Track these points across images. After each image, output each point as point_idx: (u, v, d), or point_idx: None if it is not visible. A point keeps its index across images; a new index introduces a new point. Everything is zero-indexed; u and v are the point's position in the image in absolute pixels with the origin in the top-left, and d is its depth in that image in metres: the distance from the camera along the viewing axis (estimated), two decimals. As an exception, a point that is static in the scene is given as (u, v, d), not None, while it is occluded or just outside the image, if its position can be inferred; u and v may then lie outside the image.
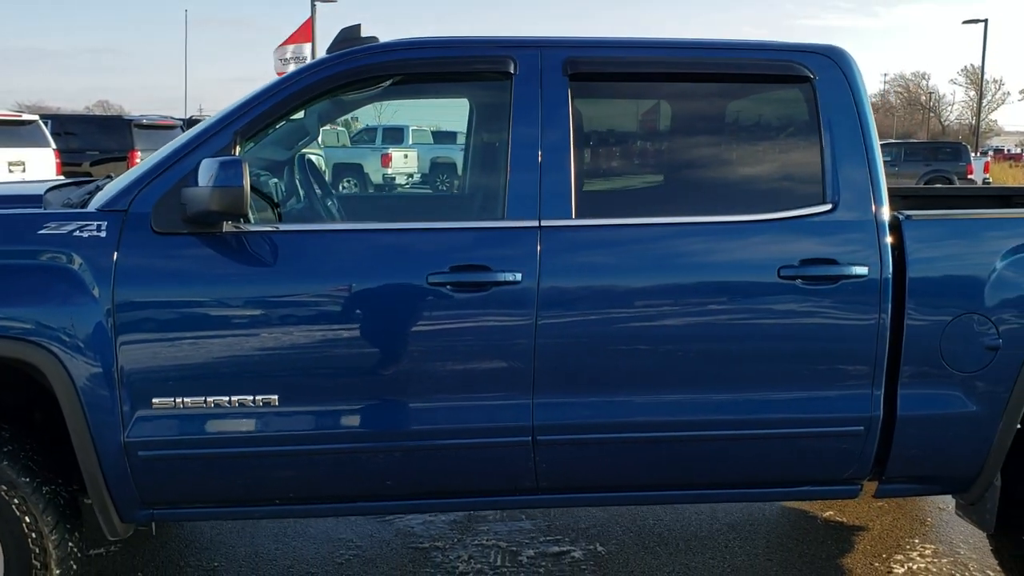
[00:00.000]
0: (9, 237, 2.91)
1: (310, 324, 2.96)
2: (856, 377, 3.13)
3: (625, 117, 3.71)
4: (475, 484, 3.16)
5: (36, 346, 2.84)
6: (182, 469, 2.97)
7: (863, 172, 3.17)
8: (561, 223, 3.05)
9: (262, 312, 2.95)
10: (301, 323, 2.96)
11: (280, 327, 2.95)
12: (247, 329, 2.94)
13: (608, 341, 3.06)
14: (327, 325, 2.97)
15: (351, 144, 26.69)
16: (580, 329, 3.04)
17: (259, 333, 2.94)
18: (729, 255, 3.12)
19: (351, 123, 29.58)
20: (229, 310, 2.94)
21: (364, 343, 2.99)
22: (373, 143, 26.56)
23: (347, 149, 26.16)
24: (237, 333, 2.94)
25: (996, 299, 3.14)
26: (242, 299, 2.95)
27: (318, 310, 2.97)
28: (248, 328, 2.94)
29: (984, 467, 3.28)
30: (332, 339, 2.97)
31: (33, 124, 16.35)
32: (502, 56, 3.17)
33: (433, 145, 26.50)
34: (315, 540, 4.13)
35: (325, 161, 22.53)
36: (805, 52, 3.27)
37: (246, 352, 2.93)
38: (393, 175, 23.90)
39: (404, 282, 2.99)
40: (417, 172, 24.81)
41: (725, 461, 3.21)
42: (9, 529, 2.90)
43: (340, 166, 23.92)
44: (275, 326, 2.95)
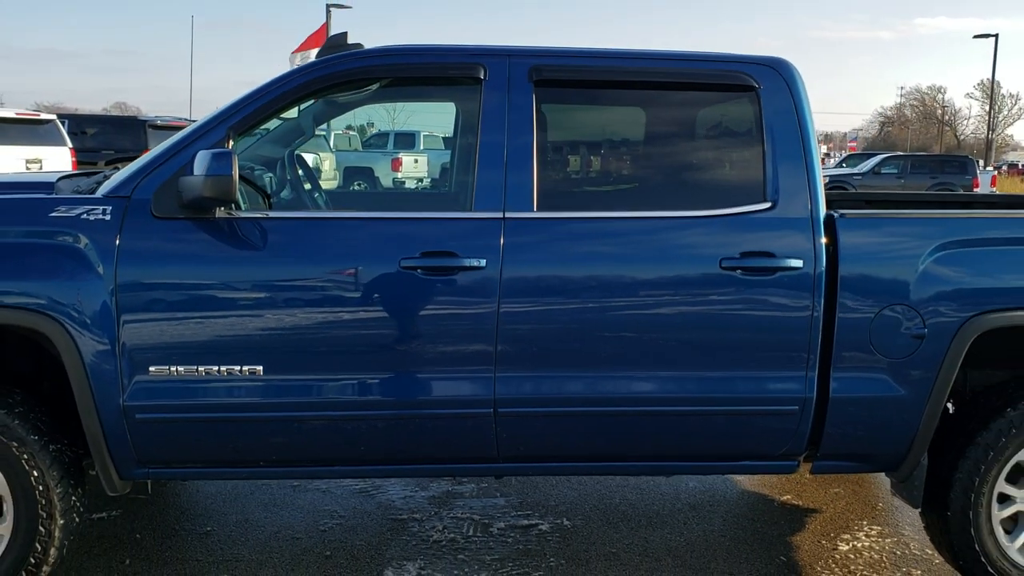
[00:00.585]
0: (24, 219, 3.23)
1: (293, 302, 3.27)
2: (791, 360, 3.42)
3: (585, 120, 4.02)
4: (442, 452, 3.46)
5: (46, 317, 3.16)
6: (175, 431, 3.28)
7: (801, 174, 3.46)
8: (523, 215, 3.36)
9: (250, 290, 3.26)
10: (285, 301, 3.27)
11: (266, 304, 3.26)
12: (236, 305, 3.26)
13: (564, 323, 3.36)
14: (309, 303, 3.28)
15: (363, 148, 27.08)
16: (539, 311, 3.34)
17: (247, 309, 3.25)
18: (676, 247, 3.42)
19: (366, 128, 30.05)
20: (220, 288, 3.26)
21: (342, 320, 3.30)
22: (385, 147, 26.91)
23: (359, 153, 26.56)
24: (227, 308, 3.25)
25: (922, 292, 3.43)
26: (232, 278, 3.26)
27: (301, 289, 3.28)
28: (237, 304, 3.26)
29: (912, 447, 3.56)
30: (312, 316, 3.28)
31: (50, 123, 16.76)
32: (472, 63, 3.48)
33: (443, 151, 26.81)
34: (302, 510, 4.44)
35: (337, 164, 22.95)
36: (751, 63, 3.57)
37: (235, 326, 3.25)
38: (403, 179, 24.25)
39: (379, 265, 3.30)
40: (427, 176, 25.14)
41: (671, 435, 3.50)
42: (19, 482, 3.22)
43: (351, 169, 24.30)
44: (261, 303, 3.26)
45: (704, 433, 3.49)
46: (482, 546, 4.10)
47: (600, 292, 3.37)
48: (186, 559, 3.91)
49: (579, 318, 3.37)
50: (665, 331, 3.40)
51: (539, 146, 3.43)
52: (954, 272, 3.44)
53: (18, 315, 3.15)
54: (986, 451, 3.54)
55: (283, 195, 3.95)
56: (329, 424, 3.35)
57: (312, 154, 21.30)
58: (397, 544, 4.10)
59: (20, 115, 16.60)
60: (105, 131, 19.19)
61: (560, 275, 3.36)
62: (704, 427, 3.48)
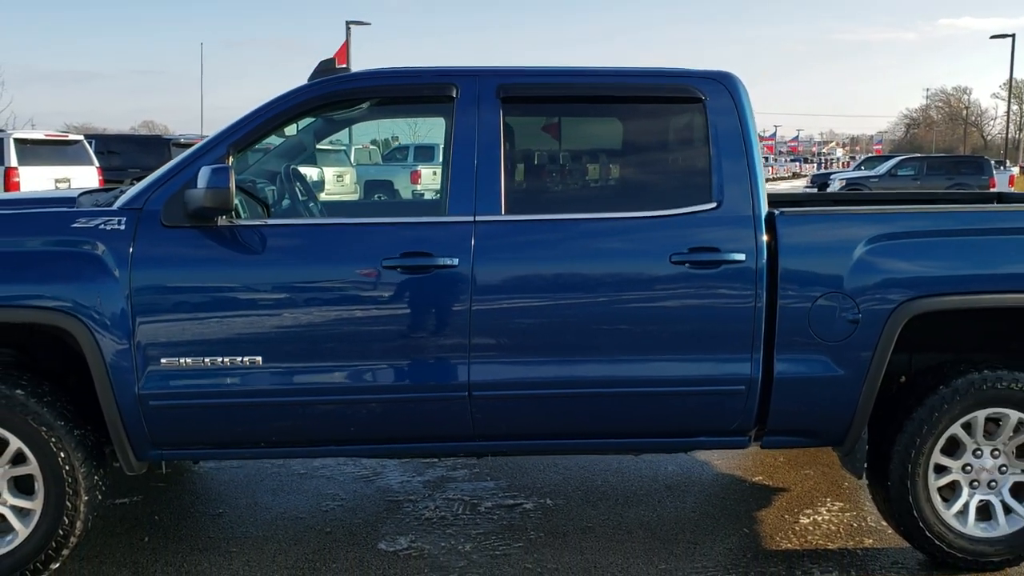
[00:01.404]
0: (50, 230, 3.66)
1: (287, 299, 3.67)
2: (737, 344, 3.78)
3: (550, 132, 4.40)
4: (424, 431, 3.85)
5: (71, 317, 3.58)
6: (184, 415, 3.69)
7: (744, 176, 3.83)
8: (492, 218, 3.75)
9: (249, 289, 3.67)
10: (280, 298, 3.67)
11: (264, 301, 3.67)
12: (237, 303, 3.66)
13: (531, 314, 3.75)
14: (301, 300, 3.68)
15: (383, 162, 27.58)
16: (507, 304, 3.73)
17: (246, 305, 3.66)
18: (630, 244, 3.79)
19: (391, 141, 30.62)
20: (223, 288, 3.66)
21: (332, 314, 3.70)
22: (405, 160, 27.38)
23: (379, 167, 27.04)
24: (229, 306, 3.66)
25: (855, 281, 3.78)
26: (233, 279, 3.67)
27: (294, 288, 3.68)
28: (238, 302, 3.66)
29: (852, 422, 3.91)
30: (305, 311, 3.68)
31: (78, 144, 17.38)
32: (445, 83, 3.88)
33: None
34: (306, 494, 4.84)
35: (357, 178, 23.43)
36: (699, 77, 3.94)
37: (236, 321, 3.65)
38: (422, 191, 24.68)
39: (363, 265, 3.69)
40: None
41: (631, 414, 3.86)
42: (48, 462, 3.64)
43: (372, 183, 24.81)
44: (260, 300, 3.67)
45: (661, 411, 3.86)
46: (469, 523, 4.48)
47: (562, 286, 3.75)
48: (199, 536, 4.31)
49: (544, 310, 3.74)
50: (622, 320, 3.77)
51: (506, 156, 3.82)
52: (884, 263, 3.79)
53: (46, 315, 3.57)
54: (921, 425, 3.88)
55: (282, 205, 4.35)
56: (321, 408, 3.75)
57: (334, 168, 21.87)
58: (392, 521, 4.49)
59: (49, 136, 17.23)
60: (131, 150, 19.82)
61: (526, 271, 3.74)
62: (661, 406, 3.84)
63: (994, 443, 3.98)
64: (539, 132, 4.31)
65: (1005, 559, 4.00)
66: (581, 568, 4.00)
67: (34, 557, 3.67)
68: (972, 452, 3.98)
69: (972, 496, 4.01)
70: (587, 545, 4.24)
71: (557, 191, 4.17)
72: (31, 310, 3.56)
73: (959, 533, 3.97)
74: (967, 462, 3.99)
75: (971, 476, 4.00)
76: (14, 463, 3.67)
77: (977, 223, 3.93)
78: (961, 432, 3.94)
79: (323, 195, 19.69)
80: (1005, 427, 3.95)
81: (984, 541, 3.98)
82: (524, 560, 4.07)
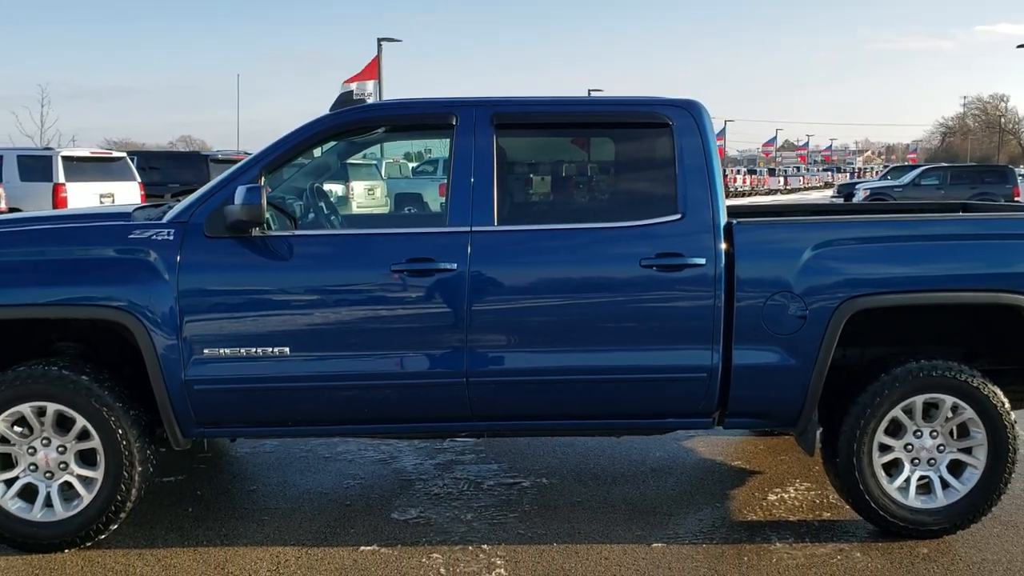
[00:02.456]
0: (111, 240, 4.30)
1: (311, 299, 4.29)
2: (700, 337, 4.35)
3: (535, 153, 4.99)
4: (429, 413, 4.45)
5: (128, 314, 4.22)
6: (223, 398, 4.31)
7: (705, 191, 4.40)
8: (486, 228, 4.34)
9: (279, 290, 4.29)
10: (305, 298, 4.29)
11: (292, 300, 4.29)
12: (269, 302, 4.29)
13: (520, 311, 4.33)
14: (323, 299, 4.30)
15: (412, 176, 28.29)
16: (499, 302, 4.32)
17: (276, 303, 4.28)
18: (606, 250, 4.37)
19: (424, 154, 31.36)
20: (257, 289, 4.29)
21: (349, 311, 4.31)
22: (434, 174, 28.07)
23: (409, 180, 27.75)
24: (262, 304, 4.28)
25: (803, 282, 4.33)
26: (265, 282, 4.30)
27: (316, 289, 4.30)
28: (270, 301, 4.29)
29: (803, 406, 4.45)
30: (327, 308, 4.29)
31: (121, 160, 18.24)
32: (447, 112, 4.49)
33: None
34: (330, 474, 5.46)
35: (388, 191, 24.12)
36: (667, 105, 4.52)
37: (267, 317, 4.27)
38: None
39: (376, 270, 4.30)
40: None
41: (608, 398, 4.43)
42: (108, 438, 4.28)
43: (402, 196, 25.50)
44: (288, 300, 4.28)
45: (634, 396, 4.43)
46: (472, 497, 5.07)
47: (548, 286, 4.34)
48: (236, 508, 4.94)
49: (532, 307, 4.34)
50: (599, 316, 4.34)
51: (498, 174, 4.42)
52: (827, 266, 4.34)
53: (109, 312, 4.22)
54: (864, 408, 4.42)
55: (308, 218, 4.98)
56: (340, 392, 4.35)
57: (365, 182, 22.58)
58: (404, 496, 5.10)
59: (94, 153, 18.12)
60: (170, 166, 20.70)
61: (516, 274, 4.33)
62: (634, 391, 4.41)
63: (932, 425, 4.51)
64: (527, 152, 4.90)
65: (943, 528, 4.53)
66: (566, 534, 4.58)
67: (96, 519, 4.32)
68: (913, 433, 4.51)
69: (913, 472, 4.54)
70: (574, 516, 4.81)
71: (543, 204, 4.77)
72: (97, 308, 4.21)
73: (901, 504, 4.50)
74: (908, 442, 4.52)
75: (912, 454, 4.53)
76: (80, 439, 4.31)
77: (907, 230, 4.48)
78: (902, 415, 4.48)
79: (354, 207, 20.45)
80: (941, 411, 4.48)
81: (924, 512, 4.51)
82: (517, 527, 4.65)
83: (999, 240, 4.50)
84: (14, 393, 4.24)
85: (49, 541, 4.32)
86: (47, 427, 4.30)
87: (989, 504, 4.51)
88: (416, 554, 4.33)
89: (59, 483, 4.34)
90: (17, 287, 4.23)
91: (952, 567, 4.23)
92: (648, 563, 4.24)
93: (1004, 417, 4.45)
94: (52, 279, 4.24)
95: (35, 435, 4.31)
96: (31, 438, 4.31)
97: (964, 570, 4.20)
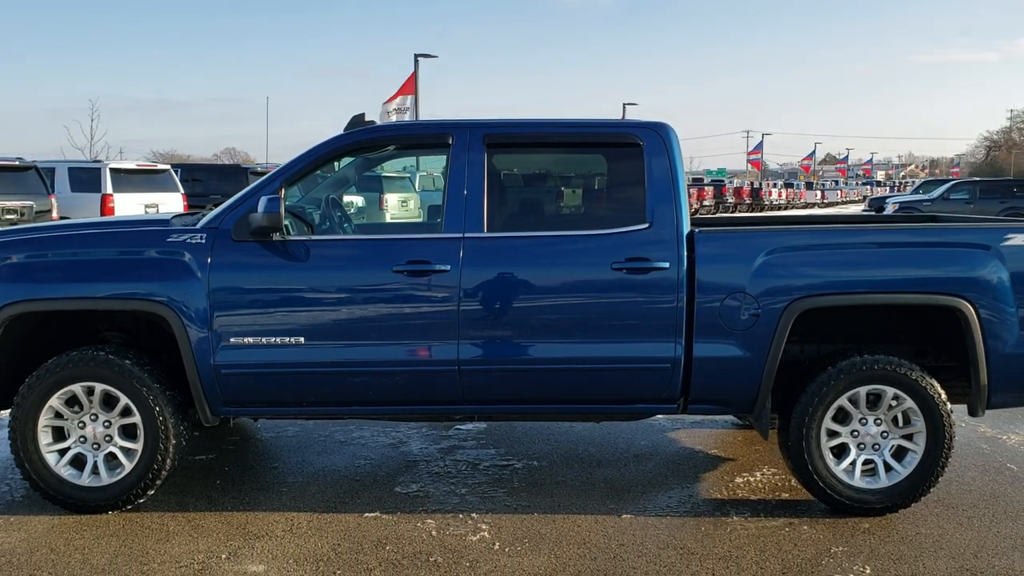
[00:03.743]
0: (151, 243, 4.97)
1: (323, 294, 4.92)
2: (664, 332, 4.91)
3: (522, 169, 5.60)
4: (426, 396, 5.05)
5: (167, 307, 4.88)
6: (246, 381, 4.95)
7: (671, 203, 4.97)
8: (477, 235, 4.95)
9: (295, 287, 4.93)
10: (318, 294, 4.92)
11: (306, 296, 4.92)
12: (287, 297, 4.92)
13: (506, 307, 4.93)
14: (333, 295, 4.92)
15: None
16: (487, 300, 4.92)
17: (293, 298, 4.91)
18: (582, 255, 4.95)
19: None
20: (276, 286, 4.93)
21: (356, 306, 4.93)
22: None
23: (440, 192, 28.28)
24: (280, 299, 4.92)
25: (755, 285, 4.88)
26: (284, 280, 4.93)
27: (328, 286, 4.93)
28: (287, 297, 4.92)
29: (758, 394, 5.00)
30: (337, 303, 4.92)
31: (165, 173, 19.15)
32: (444, 133, 5.12)
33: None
34: (344, 455, 6.10)
35: (421, 203, 24.81)
36: (638, 127, 5.11)
37: (286, 310, 4.91)
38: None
39: (379, 270, 4.93)
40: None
41: (585, 385, 5.00)
42: (147, 414, 4.94)
43: (434, 207, 26.11)
44: (303, 295, 4.92)
45: (608, 383, 5.00)
46: (468, 476, 5.68)
47: (530, 286, 4.93)
48: (258, 481, 5.59)
49: (516, 304, 4.93)
50: (575, 312, 4.93)
51: (488, 187, 5.03)
52: (778, 270, 4.89)
53: (151, 305, 4.88)
54: (813, 397, 4.96)
55: (324, 225, 5.63)
56: (349, 377, 4.98)
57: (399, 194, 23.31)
58: (408, 474, 5.72)
59: (141, 166, 19.05)
60: (211, 178, 21.61)
61: (502, 275, 4.93)
62: (607, 379, 4.99)
63: (876, 413, 5.04)
64: (514, 168, 5.51)
65: (885, 506, 5.05)
66: (547, 506, 5.16)
67: (136, 485, 4.97)
68: (858, 420, 5.04)
69: (859, 456, 5.07)
70: (557, 492, 5.40)
71: (527, 214, 5.37)
72: (141, 302, 4.88)
73: (847, 484, 5.03)
74: (855, 428, 5.05)
75: (858, 440, 5.06)
76: (123, 415, 4.98)
77: (849, 238, 5.02)
78: (848, 404, 5.01)
79: (388, 218, 21.18)
80: (884, 400, 5.00)
81: (868, 492, 5.03)
82: (505, 500, 5.25)
83: (936, 248, 5.02)
84: (68, 375, 4.92)
85: (95, 503, 4.98)
86: (95, 405, 4.97)
87: (928, 485, 5.03)
88: (413, 520, 4.94)
89: (104, 453, 5.00)
90: (76, 283, 4.91)
91: (887, 539, 4.75)
92: (615, 530, 4.82)
93: (941, 407, 4.97)
94: (105, 276, 4.91)
95: (85, 411, 4.98)
96: (81, 414, 4.99)
97: (898, 540, 4.72)
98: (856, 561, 4.46)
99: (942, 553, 4.57)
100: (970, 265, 4.94)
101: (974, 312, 4.89)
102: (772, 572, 4.34)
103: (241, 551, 4.53)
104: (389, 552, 4.52)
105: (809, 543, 4.68)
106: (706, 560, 4.46)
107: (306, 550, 4.54)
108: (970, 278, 4.91)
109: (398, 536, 4.72)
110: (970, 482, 5.63)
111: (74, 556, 4.46)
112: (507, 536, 4.73)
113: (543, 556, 4.48)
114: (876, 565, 4.42)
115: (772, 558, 4.49)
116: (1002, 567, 4.41)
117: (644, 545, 4.63)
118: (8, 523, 4.89)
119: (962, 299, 4.89)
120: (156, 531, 4.79)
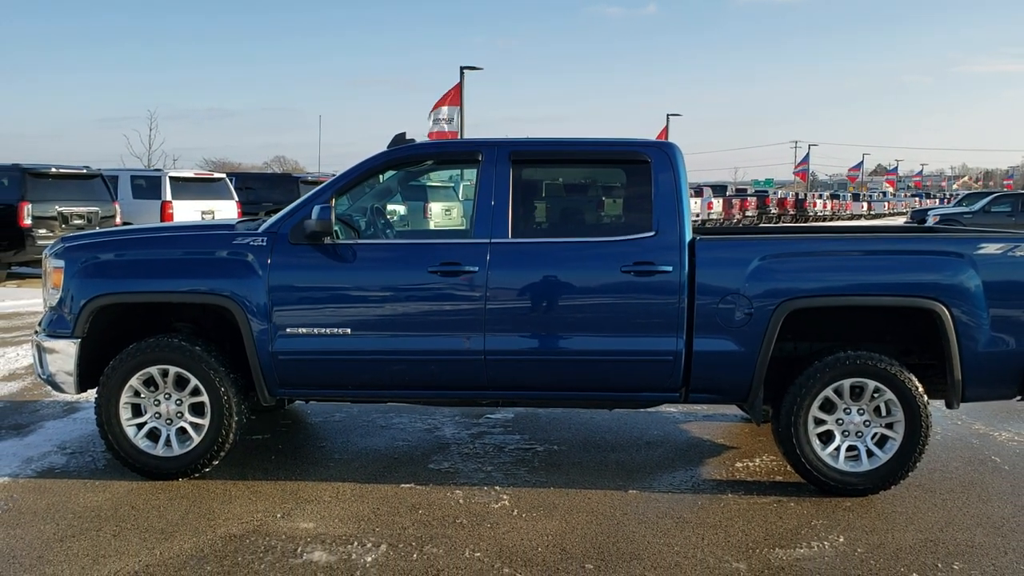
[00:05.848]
0: (220, 244, 5.71)
1: (367, 291, 5.62)
2: (667, 328, 5.53)
3: (543, 182, 6.26)
4: (455, 382, 5.71)
5: (232, 301, 5.61)
6: (300, 366, 5.66)
7: (675, 214, 5.60)
8: (502, 240, 5.62)
9: (343, 285, 5.63)
10: (364, 291, 5.62)
11: (353, 293, 5.62)
12: (336, 294, 5.63)
13: (527, 304, 5.58)
14: (376, 292, 5.62)
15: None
16: (511, 297, 5.58)
17: (341, 295, 5.62)
18: (595, 259, 5.60)
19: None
20: (327, 284, 5.64)
21: (396, 302, 5.62)
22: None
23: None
24: (329, 295, 5.62)
25: (750, 287, 5.47)
26: (333, 279, 5.64)
27: (372, 284, 5.63)
28: (336, 293, 5.63)
29: (751, 385, 5.60)
30: (379, 299, 5.62)
31: (221, 181, 20.11)
32: (475, 150, 5.80)
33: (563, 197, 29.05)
34: (384, 438, 6.79)
35: (464, 212, 25.51)
36: (647, 146, 5.75)
37: (333, 305, 5.61)
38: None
39: (416, 271, 5.61)
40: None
41: (598, 375, 5.64)
42: (214, 394, 5.65)
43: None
44: (350, 292, 5.62)
45: (617, 373, 5.63)
46: (495, 457, 6.35)
47: (549, 286, 5.58)
48: (308, 457, 6.31)
49: (536, 301, 5.59)
50: (589, 310, 5.58)
51: (513, 198, 5.69)
52: (770, 274, 5.49)
53: (219, 299, 5.61)
54: (800, 388, 5.56)
55: (369, 230, 6.33)
56: (389, 364, 5.66)
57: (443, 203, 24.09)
58: (441, 454, 6.40)
59: (198, 175, 20.02)
60: (264, 186, 22.57)
61: (524, 276, 5.59)
62: (616, 369, 5.62)
63: (859, 404, 5.62)
64: (537, 181, 6.17)
65: (867, 488, 5.62)
66: (562, 482, 5.81)
67: (203, 456, 5.71)
68: (843, 410, 5.62)
69: (843, 442, 5.65)
70: (573, 471, 6.04)
71: (547, 222, 6.04)
72: (210, 295, 5.62)
73: (832, 468, 5.61)
74: (839, 417, 5.63)
75: (843, 427, 5.64)
76: (192, 395, 5.72)
77: (837, 246, 5.61)
78: (833, 395, 5.59)
79: (431, 226, 21.95)
80: (866, 392, 5.58)
81: (851, 474, 5.61)
82: (525, 476, 5.91)
83: (914, 255, 5.59)
84: (146, 358, 5.67)
85: (167, 471, 5.73)
86: (168, 385, 5.72)
87: (906, 470, 5.59)
88: (443, 490, 5.62)
89: (176, 428, 5.75)
90: (157, 278, 5.67)
91: (865, 515, 5.32)
92: (621, 502, 5.45)
93: (918, 399, 5.53)
94: (181, 273, 5.66)
95: (159, 391, 5.73)
96: (156, 393, 5.74)
97: (875, 517, 5.29)
98: (833, 532, 5.05)
99: (911, 528, 5.14)
100: (945, 271, 5.50)
101: (949, 314, 5.45)
102: (756, 538, 4.94)
103: (294, 512, 5.23)
104: (421, 515, 5.20)
105: (793, 516, 5.27)
106: (699, 528, 5.08)
107: (349, 512, 5.24)
108: (945, 283, 5.47)
109: (430, 503, 5.39)
110: (953, 471, 6.17)
111: (152, 513, 5.20)
112: (525, 505, 5.38)
113: (555, 521, 5.13)
114: (850, 535, 5.00)
115: (758, 527, 5.10)
116: (963, 540, 4.97)
117: (645, 515, 5.26)
118: (95, 486, 5.65)
119: (938, 302, 5.45)
120: (220, 495, 5.52)
